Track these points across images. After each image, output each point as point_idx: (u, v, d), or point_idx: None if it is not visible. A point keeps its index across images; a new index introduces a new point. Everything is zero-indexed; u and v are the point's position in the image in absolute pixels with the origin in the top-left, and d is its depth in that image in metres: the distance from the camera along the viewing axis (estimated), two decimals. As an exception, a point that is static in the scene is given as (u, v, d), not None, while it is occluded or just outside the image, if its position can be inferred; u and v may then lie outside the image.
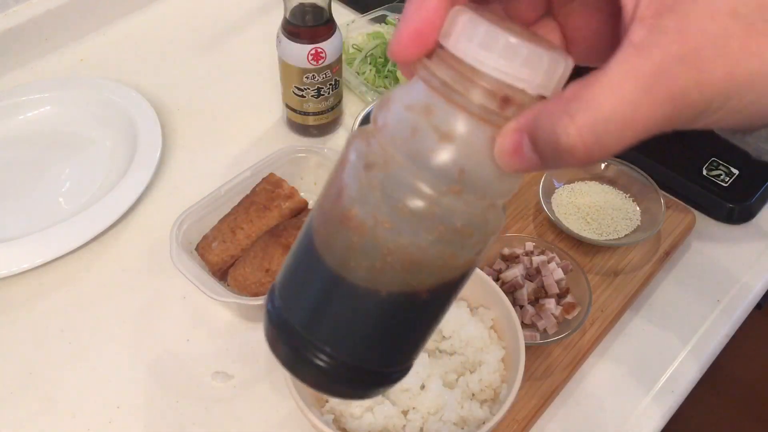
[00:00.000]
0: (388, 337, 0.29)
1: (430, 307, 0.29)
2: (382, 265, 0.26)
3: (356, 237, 0.26)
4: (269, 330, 0.30)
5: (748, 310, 0.68)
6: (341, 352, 0.28)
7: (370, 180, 0.26)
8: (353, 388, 0.30)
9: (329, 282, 0.28)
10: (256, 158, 0.71)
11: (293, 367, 0.30)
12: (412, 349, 0.30)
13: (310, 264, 0.28)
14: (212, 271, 0.65)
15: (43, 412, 0.60)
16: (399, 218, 0.26)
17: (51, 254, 0.68)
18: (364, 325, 0.28)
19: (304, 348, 0.28)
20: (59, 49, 0.92)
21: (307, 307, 0.28)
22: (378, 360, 0.29)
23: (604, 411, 0.61)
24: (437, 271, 0.27)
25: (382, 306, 0.27)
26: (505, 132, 0.25)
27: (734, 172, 0.75)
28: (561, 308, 0.62)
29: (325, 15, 0.72)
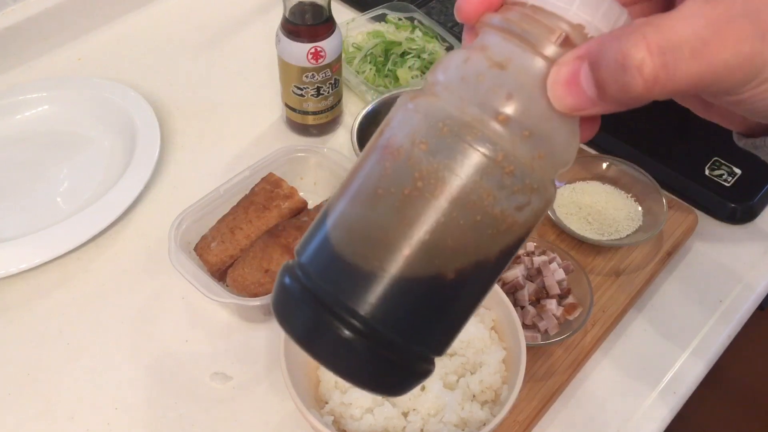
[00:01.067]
0: (432, 307, 0.27)
1: (470, 279, 0.27)
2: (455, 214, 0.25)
3: (389, 162, 0.26)
4: (291, 301, 0.28)
5: (750, 310, 0.68)
6: (378, 318, 0.26)
7: (416, 109, 0.26)
8: (381, 371, 0.27)
9: (377, 238, 0.26)
10: (255, 158, 0.71)
11: (317, 342, 0.27)
12: (450, 331, 0.28)
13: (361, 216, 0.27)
14: (211, 271, 0.65)
15: (41, 413, 0.59)
16: (439, 141, 0.25)
17: (49, 254, 0.68)
18: (411, 288, 0.26)
19: (335, 317, 0.26)
20: (57, 49, 0.91)
21: (345, 278, 0.26)
22: (416, 335, 0.27)
23: (605, 412, 0.60)
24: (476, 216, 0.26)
25: (434, 272, 0.26)
26: (563, 60, 0.25)
27: (737, 172, 0.75)
28: (562, 309, 0.62)
29: (325, 14, 0.72)
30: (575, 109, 0.25)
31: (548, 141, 0.26)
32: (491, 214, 0.26)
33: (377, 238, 0.26)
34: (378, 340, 0.26)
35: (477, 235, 0.26)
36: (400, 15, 0.91)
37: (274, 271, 0.61)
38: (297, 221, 0.65)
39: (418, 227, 0.25)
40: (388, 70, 0.85)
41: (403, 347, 0.27)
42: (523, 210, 0.26)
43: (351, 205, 0.27)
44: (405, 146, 0.26)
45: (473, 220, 0.26)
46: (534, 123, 0.25)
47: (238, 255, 0.65)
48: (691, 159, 0.77)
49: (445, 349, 0.28)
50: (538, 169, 0.26)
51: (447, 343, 0.28)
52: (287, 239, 0.62)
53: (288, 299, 0.28)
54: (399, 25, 0.90)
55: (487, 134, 0.25)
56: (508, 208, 0.26)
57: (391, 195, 0.26)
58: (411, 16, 0.91)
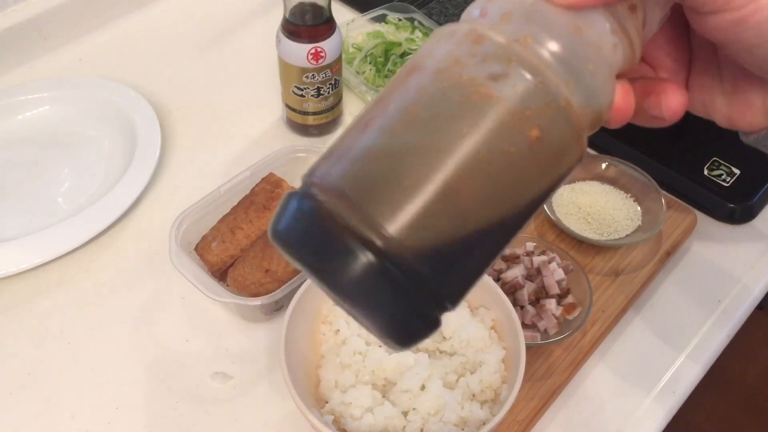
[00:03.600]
0: (462, 242, 0.25)
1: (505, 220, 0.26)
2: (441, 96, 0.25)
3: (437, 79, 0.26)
4: (301, 220, 0.25)
5: (749, 310, 0.68)
6: (404, 242, 0.24)
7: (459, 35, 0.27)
8: (397, 306, 0.25)
9: (420, 151, 0.24)
10: (255, 158, 0.71)
11: (331, 264, 0.25)
12: (471, 276, 0.26)
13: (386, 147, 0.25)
14: (211, 271, 0.65)
15: (42, 413, 0.60)
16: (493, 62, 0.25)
17: (50, 254, 0.68)
18: (448, 215, 0.24)
19: (356, 234, 0.24)
20: (58, 49, 0.91)
21: (381, 180, 0.24)
22: (443, 271, 0.25)
23: (605, 412, 0.60)
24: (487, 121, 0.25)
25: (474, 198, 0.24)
26: None
27: (735, 172, 0.75)
28: (562, 309, 0.62)
29: (325, 14, 0.72)
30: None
31: (565, 51, 0.26)
32: (493, 107, 0.25)
33: (420, 152, 0.24)
34: (399, 266, 0.24)
35: (520, 166, 0.25)
36: (400, 16, 0.92)
37: (275, 271, 0.62)
38: (297, 221, 0.65)
39: (465, 145, 0.24)
40: (388, 70, 0.85)
41: (424, 281, 0.24)
42: (532, 114, 0.25)
43: (395, 115, 0.26)
44: (424, 55, 0.27)
45: (476, 113, 0.25)
46: (538, 24, 0.26)
47: (238, 255, 0.65)
48: (690, 159, 0.77)
49: (460, 300, 0.27)
50: (557, 80, 0.26)
51: (464, 292, 0.26)
52: (287, 239, 0.62)
53: (297, 220, 0.25)
54: (399, 25, 0.90)
55: (495, 34, 0.26)
56: (512, 103, 0.25)
57: (443, 110, 0.25)
58: (411, 16, 0.91)
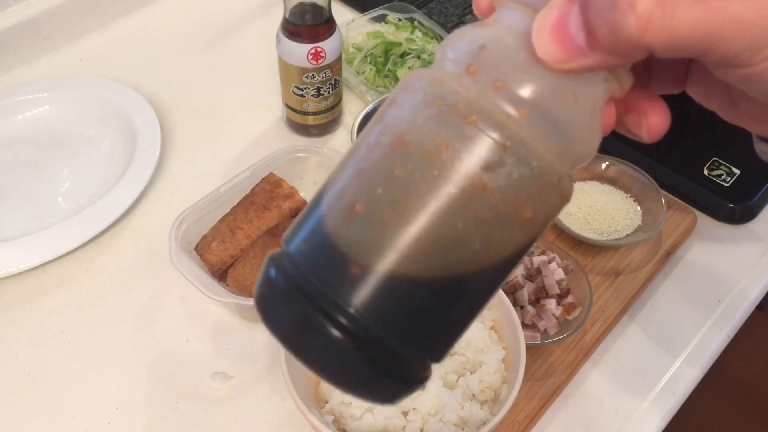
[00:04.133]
0: (432, 308, 0.24)
1: (476, 279, 0.25)
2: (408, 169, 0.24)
3: (411, 165, 0.24)
4: (275, 295, 0.26)
5: (749, 310, 0.68)
6: (370, 316, 0.24)
7: (422, 88, 0.25)
8: (372, 377, 0.25)
9: (374, 228, 0.24)
10: (255, 158, 0.71)
11: (302, 342, 0.25)
12: (451, 335, 0.26)
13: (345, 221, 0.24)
14: (211, 271, 0.65)
15: (42, 413, 0.60)
16: (445, 121, 0.24)
17: (50, 254, 0.68)
18: (409, 285, 0.24)
19: (323, 314, 0.24)
20: (58, 49, 0.91)
21: (334, 272, 0.24)
22: (413, 339, 0.24)
23: (605, 412, 0.60)
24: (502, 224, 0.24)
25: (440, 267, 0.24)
26: (553, 3, 0.22)
27: (735, 172, 0.75)
28: (562, 309, 0.62)
29: (325, 14, 0.72)
30: (562, 60, 0.22)
31: (560, 123, 0.24)
32: (499, 206, 0.24)
33: (375, 228, 0.24)
34: (369, 341, 0.24)
35: (484, 229, 0.24)
36: (400, 16, 0.92)
37: (275, 271, 0.62)
38: (297, 221, 0.65)
39: (419, 217, 0.23)
40: (388, 70, 0.85)
41: (398, 351, 0.24)
42: (535, 203, 0.24)
43: (347, 189, 0.25)
44: (410, 127, 0.24)
45: (480, 212, 0.23)
46: (542, 98, 0.23)
47: (238, 255, 0.65)
48: (690, 159, 0.77)
49: (444, 356, 0.26)
50: (551, 157, 0.24)
51: (447, 349, 0.26)
52: (287, 239, 0.62)
53: (272, 292, 0.26)
54: (399, 25, 0.90)
55: (495, 116, 0.23)
56: (517, 199, 0.24)
57: (392, 180, 0.24)
58: (411, 16, 0.91)
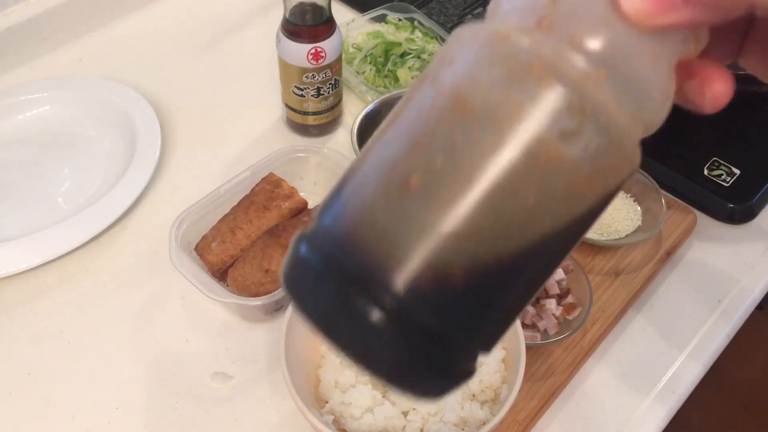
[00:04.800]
0: (486, 287, 0.22)
1: (550, 257, 0.23)
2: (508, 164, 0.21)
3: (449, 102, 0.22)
4: (308, 275, 0.23)
5: (749, 310, 0.68)
6: (417, 297, 0.21)
7: (479, 42, 0.22)
8: (416, 367, 0.22)
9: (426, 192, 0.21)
10: (255, 158, 0.71)
11: (338, 323, 0.22)
12: (505, 319, 0.23)
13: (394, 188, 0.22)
14: (211, 271, 0.65)
15: (41, 413, 0.60)
16: (509, 78, 0.21)
17: (50, 254, 0.68)
18: (462, 260, 0.21)
19: (364, 293, 0.21)
20: (58, 49, 0.91)
21: (383, 232, 0.21)
22: (463, 323, 0.22)
23: (605, 412, 0.60)
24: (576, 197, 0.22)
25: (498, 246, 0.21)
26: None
27: (735, 172, 0.75)
28: (562, 309, 0.62)
29: (325, 14, 0.72)
30: (651, 15, 0.20)
31: (640, 87, 0.22)
32: (575, 179, 0.21)
33: (433, 203, 0.21)
34: (417, 326, 0.21)
35: (556, 204, 0.21)
36: (400, 16, 0.92)
37: (275, 271, 0.62)
38: (297, 221, 0.65)
39: (485, 191, 0.21)
40: (388, 70, 0.85)
41: (448, 339, 0.22)
42: (609, 175, 0.22)
43: (398, 158, 0.22)
44: (474, 88, 0.22)
45: (554, 186, 0.21)
46: (623, 58, 0.21)
47: (238, 255, 0.65)
48: (690, 159, 0.77)
49: (494, 344, 0.23)
50: (629, 125, 0.22)
51: (499, 337, 0.23)
52: (287, 239, 0.62)
53: (304, 272, 0.23)
54: (399, 25, 0.90)
55: (574, 77, 0.21)
56: (593, 172, 0.21)
57: (454, 149, 0.21)
58: (411, 16, 0.91)
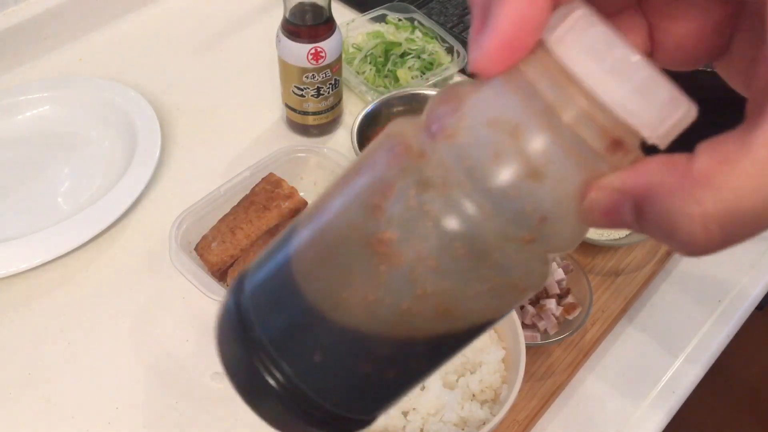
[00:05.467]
0: (369, 381, 0.23)
1: (434, 356, 0.24)
2: (406, 305, 0.21)
3: (384, 266, 0.21)
4: (224, 326, 0.26)
5: (749, 310, 0.68)
6: (303, 379, 0.23)
7: (422, 203, 0.21)
8: (302, 427, 0.25)
9: (321, 306, 0.22)
10: (255, 158, 0.71)
11: (237, 377, 0.25)
12: (387, 400, 0.25)
13: (296, 282, 0.23)
14: (211, 271, 0.65)
15: (42, 413, 0.60)
16: (450, 259, 0.21)
17: (50, 254, 0.68)
18: (344, 361, 0.23)
19: (260, 357, 0.24)
20: (58, 49, 0.91)
21: (278, 325, 0.23)
22: (345, 404, 0.24)
23: (605, 412, 0.60)
24: (465, 322, 0.22)
25: (377, 347, 0.22)
26: (604, 188, 0.20)
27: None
28: (562, 309, 0.62)
29: (325, 14, 0.72)
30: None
31: (564, 246, 0.22)
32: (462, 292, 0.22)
33: (324, 308, 0.22)
34: (302, 398, 0.23)
35: (437, 318, 0.22)
36: (400, 16, 0.92)
37: (275, 271, 0.62)
38: (297, 221, 0.65)
39: (371, 284, 0.21)
40: (388, 70, 0.85)
41: (332, 411, 0.24)
42: (495, 301, 0.22)
43: (310, 237, 0.23)
44: (402, 246, 0.21)
45: (438, 306, 0.22)
46: (558, 238, 0.21)
47: (238, 255, 0.65)
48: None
49: (379, 414, 0.25)
50: (539, 269, 0.22)
51: (381, 410, 0.25)
52: (287, 239, 0.62)
53: (223, 322, 0.26)
54: (399, 25, 0.90)
55: (504, 256, 0.21)
56: (478, 302, 0.22)
57: (352, 245, 0.22)
58: (411, 16, 0.91)
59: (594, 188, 0.20)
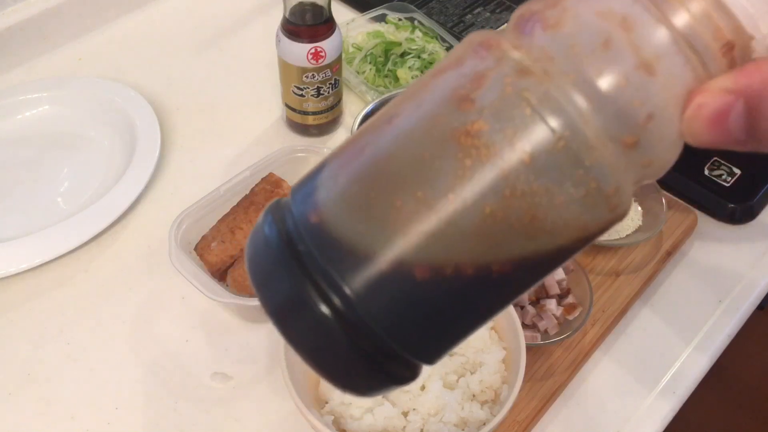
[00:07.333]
0: (437, 310, 0.22)
1: (507, 288, 0.22)
2: (490, 209, 0.20)
3: (470, 160, 0.19)
4: (267, 257, 0.23)
5: (750, 310, 0.68)
6: (366, 303, 0.21)
7: (520, 90, 0.19)
8: (354, 365, 0.22)
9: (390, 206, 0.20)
10: (255, 158, 0.71)
11: (286, 312, 0.23)
12: (449, 341, 0.23)
13: (364, 192, 0.21)
14: (211, 271, 0.65)
15: (41, 414, 0.59)
16: (547, 154, 0.19)
17: (49, 254, 0.68)
18: (415, 286, 0.21)
19: (317, 284, 0.21)
20: (58, 48, 0.91)
21: (342, 244, 0.21)
22: (406, 338, 0.22)
23: (605, 412, 0.60)
24: (549, 240, 0.21)
25: (453, 268, 0.20)
26: (713, 90, 0.19)
27: (736, 172, 0.75)
28: (562, 309, 0.62)
29: (325, 14, 0.72)
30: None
31: (656, 168, 0.21)
32: (537, 205, 0.20)
33: (399, 219, 0.20)
34: (360, 328, 0.21)
35: (515, 232, 0.20)
36: (400, 15, 0.91)
37: (274, 271, 0.61)
38: (297, 221, 0.65)
39: (445, 204, 0.20)
40: (388, 70, 0.85)
41: (388, 346, 0.22)
42: (579, 216, 0.21)
43: (376, 167, 0.21)
44: (493, 137, 0.19)
45: (518, 212, 0.20)
46: (659, 148, 0.20)
47: (238, 255, 0.65)
48: (691, 159, 0.76)
49: (437, 359, 0.24)
50: (630, 188, 0.21)
51: (441, 354, 0.24)
52: (287, 239, 0.62)
53: (264, 252, 0.23)
54: (399, 25, 0.90)
55: (604, 158, 0.20)
56: (563, 208, 0.20)
57: (438, 160, 0.20)
58: (411, 16, 0.91)
59: (702, 91, 0.19)
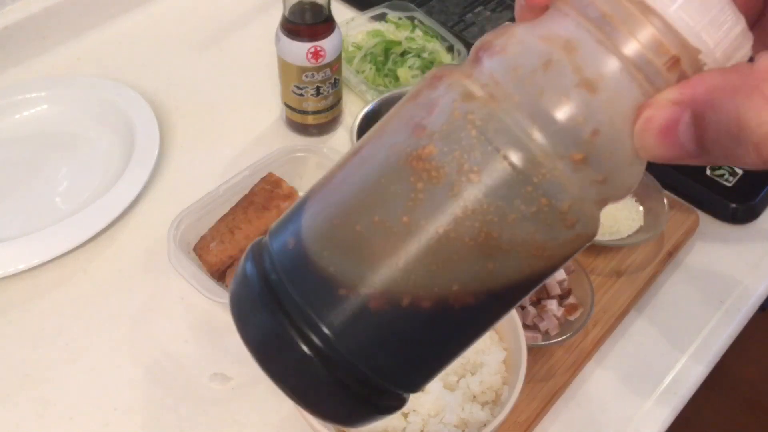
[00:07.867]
0: (412, 344, 0.22)
1: (478, 313, 0.22)
2: (443, 229, 0.20)
3: (421, 183, 0.20)
4: (248, 297, 0.23)
5: (751, 311, 0.68)
6: (344, 341, 0.22)
7: (466, 113, 0.20)
8: (337, 401, 0.23)
9: (361, 246, 0.21)
10: (254, 158, 0.70)
11: (267, 351, 0.23)
12: (430, 370, 0.24)
13: (348, 208, 0.21)
14: (210, 271, 0.65)
15: (39, 415, 0.59)
16: (494, 172, 0.19)
17: (48, 254, 0.67)
18: (390, 314, 0.21)
19: (295, 328, 0.22)
20: (56, 48, 0.91)
21: (311, 285, 0.22)
22: (387, 371, 0.23)
23: (606, 413, 0.60)
24: (510, 262, 0.21)
25: (417, 292, 0.21)
26: (660, 103, 0.19)
27: (738, 172, 0.75)
28: (563, 309, 0.62)
29: (325, 13, 0.72)
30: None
31: (616, 185, 0.21)
32: (515, 241, 0.20)
33: (361, 246, 0.21)
34: (339, 365, 0.22)
35: (476, 249, 0.20)
36: (400, 14, 0.91)
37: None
38: (297, 221, 0.65)
39: (400, 227, 0.20)
40: (388, 69, 0.85)
41: (371, 380, 0.23)
42: (547, 242, 0.21)
43: (339, 196, 0.22)
44: (443, 159, 0.20)
45: (479, 231, 0.20)
46: (610, 165, 0.20)
47: (237, 255, 0.64)
48: (692, 159, 0.76)
49: (421, 388, 0.24)
50: (591, 206, 0.21)
51: (425, 382, 0.24)
52: (287, 239, 0.62)
53: (246, 292, 0.24)
54: (399, 24, 0.90)
55: (553, 174, 0.20)
56: (521, 229, 0.20)
57: (406, 192, 0.20)
58: (411, 15, 0.91)
59: (649, 105, 0.19)
